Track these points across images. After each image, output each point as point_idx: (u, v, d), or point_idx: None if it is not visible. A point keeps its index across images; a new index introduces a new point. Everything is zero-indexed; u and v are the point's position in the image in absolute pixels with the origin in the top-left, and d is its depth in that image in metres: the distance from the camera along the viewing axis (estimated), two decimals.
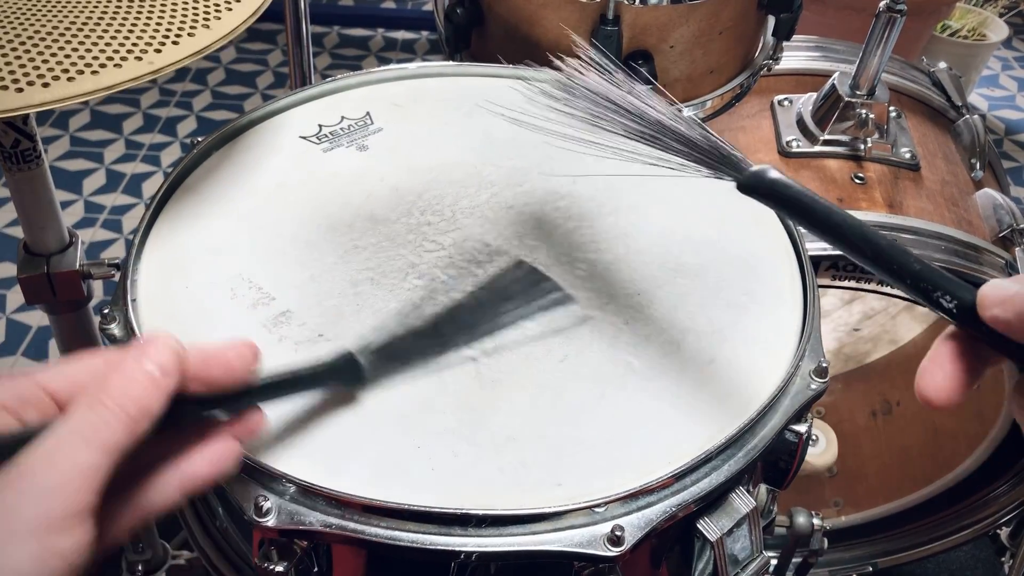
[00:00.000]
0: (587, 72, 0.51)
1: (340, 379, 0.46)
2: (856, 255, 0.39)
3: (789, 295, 0.57)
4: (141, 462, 0.36)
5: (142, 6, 0.59)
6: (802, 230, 0.62)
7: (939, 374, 0.36)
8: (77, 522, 0.31)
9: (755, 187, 0.44)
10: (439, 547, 0.43)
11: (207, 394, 0.38)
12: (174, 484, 0.38)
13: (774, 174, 0.43)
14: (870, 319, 1.14)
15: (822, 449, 1.00)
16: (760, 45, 0.93)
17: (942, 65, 1.10)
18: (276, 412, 0.48)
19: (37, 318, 1.56)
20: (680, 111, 0.51)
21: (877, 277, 0.86)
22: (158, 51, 0.56)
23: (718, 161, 0.46)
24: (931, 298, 0.36)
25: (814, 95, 0.96)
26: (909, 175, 0.93)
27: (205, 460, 0.39)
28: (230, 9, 0.61)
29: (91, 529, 0.32)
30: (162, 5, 0.59)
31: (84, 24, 0.56)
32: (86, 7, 0.57)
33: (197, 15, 0.60)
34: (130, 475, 0.36)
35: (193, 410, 0.38)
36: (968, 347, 0.36)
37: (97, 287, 0.88)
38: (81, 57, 0.54)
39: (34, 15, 0.56)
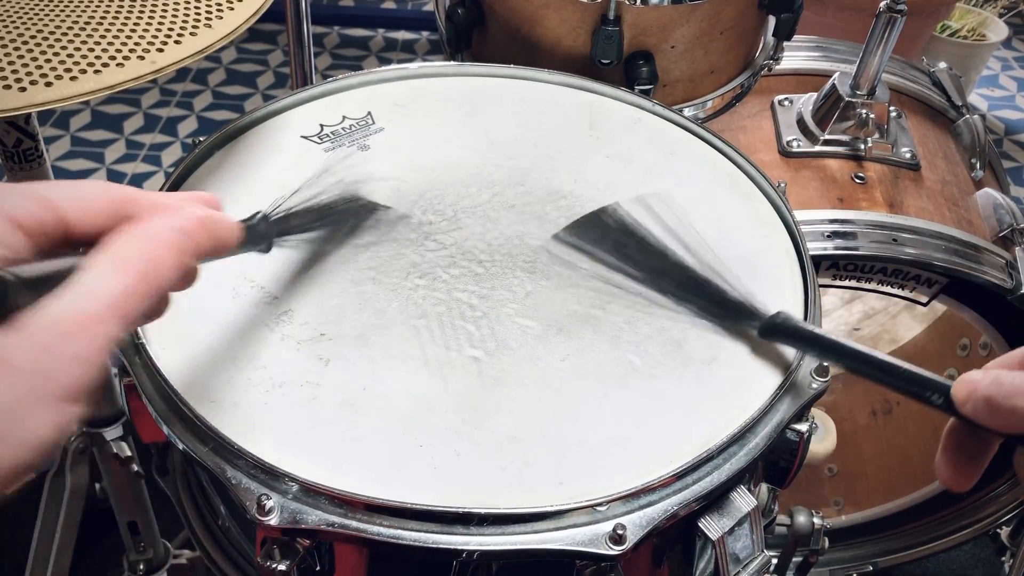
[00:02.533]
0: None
1: (256, 242, 0.48)
2: (860, 371, 0.47)
3: (790, 294, 0.58)
4: None
5: (144, 5, 0.59)
6: (803, 230, 0.62)
7: (950, 467, 0.41)
8: (88, 393, 0.31)
9: (771, 332, 0.52)
10: (441, 546, 0.43)
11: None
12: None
13: (783, 317, 0.51)
14: (870, 318, 1.15)
15: (821, 437, 1.00)
16: (761, 45, 0.93)
17: (942, 65, 1.11)
18: (277, 408, 0.48)
19: None
20: (681, 112, 0.52)
21: (877, 278, 0.86)
22: (160, 50, 0.56)
23: (737, 312, 0.53)
24: (924, 397, 0.42)
25: (814, 95, 0.97)
26: (909, 175, 0.93)
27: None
28: (232, 8, 0.61)
29: (91, 401, 0.32)
30: (164, 5, 0.60)
31: (87, 24, 0.56)
32: (88, 6, 0.58)
33: (199, 14, 0.60)
34: None
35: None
36: (968, 434, 0.40)
37: None
38: (84, 56, 0.54)
39: (37, 15, 0.56)
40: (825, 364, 0.52)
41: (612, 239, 0.57)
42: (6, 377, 0.28)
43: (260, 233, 0.48)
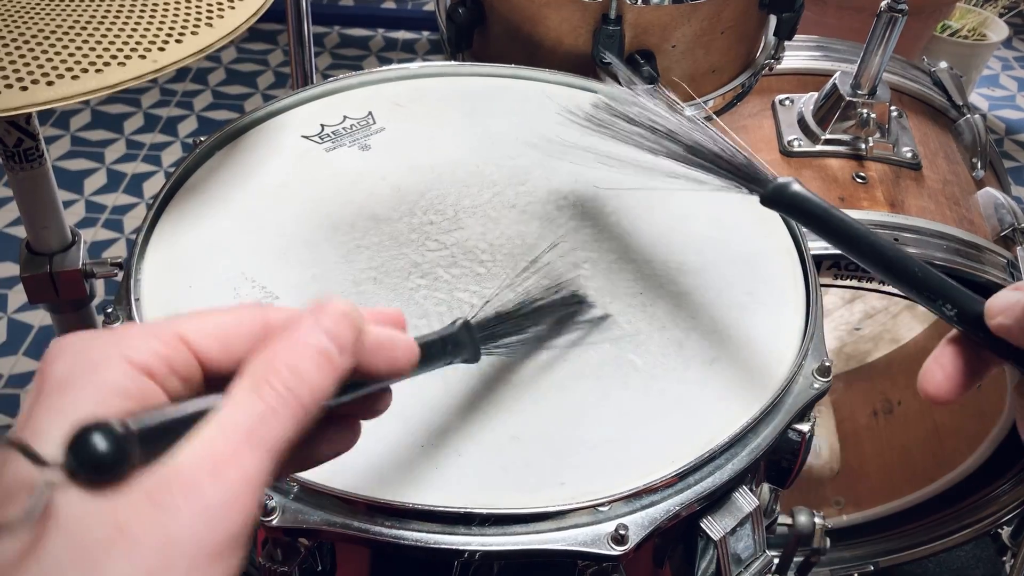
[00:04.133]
0: (614, 88, 0.54)
1: (461, 353, 0.42)
2: (866, 261, 0.42)
3: (792, 294, 0.58)
4: None
5: (145, 5, 0.59)
6: (805, 230, 0.62)
7: (940, 373, 0.38)
8: (240, 543, 0.26)
9: (776, 200, 0.46)
10: (443, 546, 0.43)
11: (361, 379, 0.32)
12: (294, 466, 0.33)
13: (795, 187, 0.46)
14: (871, 318, 1.15)
15: (824, 461, 1.01)
16: (761, 45, 0.93)
17: (943, 65, 1.11)
18: None
19: (39, 318, 1.56)
20: (683, 111, 0.51)
21: (878, 276, 0.86)
22: (161, 49, 0.56)
23: (741, 175, 0.48)
24: (935, 305, 0.39)
25: (815, 94, 0.96)
26: (910, 174, 0.93)
27: (330, 443, 0.34)
28: (232, 8, 0.61)
29: (247, 549, 0.26)
30: (164, 4, 0.59)
31: (88, 23, 0.56)
32: (89, 6, 0.58)
33: (200, 14, 0.60)
34: None
35: (345, 394, 0.32)
36: (970, 350, 0.38)
37: (99, 286, 0.88)
38: (85, 56, 0.54)
39: (38, 14, 0.56)
40: (827, 363, 0.52)
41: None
42: (126, 552, 0.24)
43: (458, 341, 0.41)
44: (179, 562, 0.24)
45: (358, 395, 0.32)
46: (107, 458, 0.24)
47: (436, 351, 0.39)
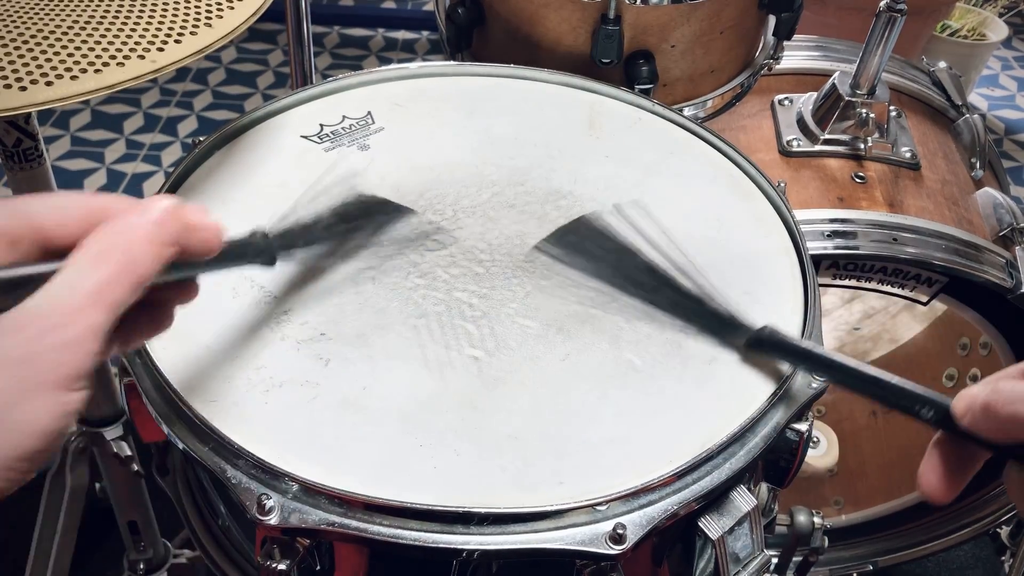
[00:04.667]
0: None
1: (257, 256, 0.47)
2: (848, 384, 0.47)
3: (790, 294, 0.58)
4: None
5: (144, 5, 0.59)
6: (803, 229, 0.62)
7: (934, 476, 0.41)
8: (84, 380, 0.31)
9: (759, 345, 0.51)
10: (441, 545, 0.43)
11: (175, 261, 0.37)
12: (116, 342, 0.38)
13: (769, 331, 0.51)
14: (870, 318, 1.15)
15: (823, 452, 1.00)
16: (761, 45, 0.93)
17: (942, 65, 1.11)
18: (277, 408, 0.48)
19: None
20: (681, 112, 0.52)
21: (877, 277, 0.86)
22: (161, 49, 0.56)
23: (722, 325, 0.53)
24: (914, 411, 0.42)
25: (814, 94, 0.97)
26: (909, 174, 0.93)
27: (149, 322, 0.40)
28: (232, 8, 0.61)
29: (88, 388, 0.32)
30: (164, 4, 0.59)
31: (87, 23, 0.56)
32: (88, 6, 0.58)
33: (199, 14, 0.60)
34: None
35: (163, 275, 0.37)
36: (957, 447, 0.41)
37: None
38: (84, 56, 0.54)
39: (37, 14, 0.56)
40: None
41: (593, 251, 0.56)
42: None
43: (257, 247, 0.47)
44: (39, 381, 0.30)
45: (175, 277, 0.39)
46: None
47: (235, 249, 0.44)
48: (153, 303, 0.39)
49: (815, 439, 0.51)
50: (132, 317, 0.38)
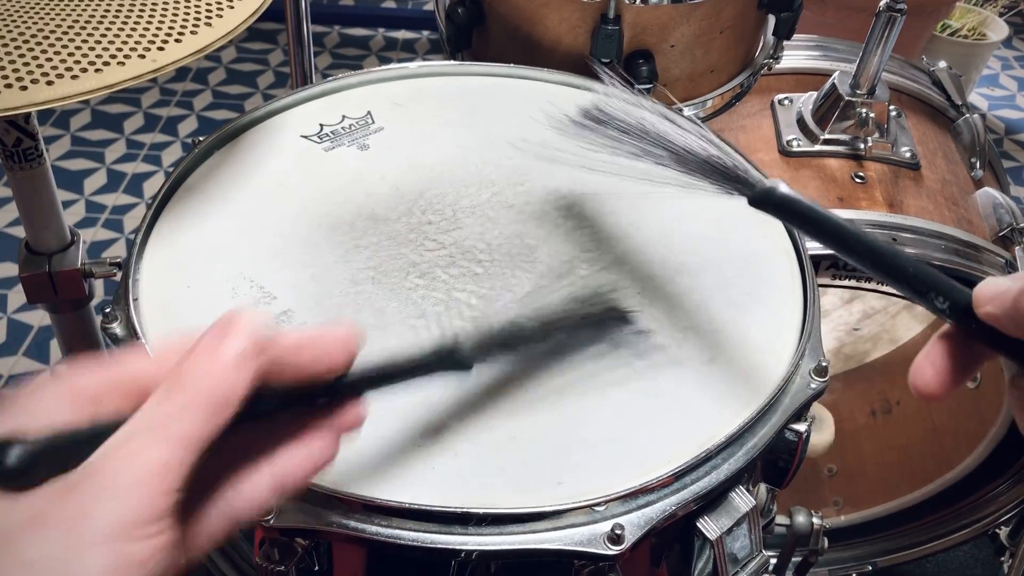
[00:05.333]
0: (603, 94, 0.53)
1: (445, 367, 0.41)
2: (857, 259, 0.42)
3: (789, 294, 0.58)
4: (227, 459, 0.33)
5: (144, 4, 0.59)
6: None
7: (930, 369, 0.38)
8: (154, 526, 0.28)
9: (765, 201, 0.46)
10: (440, 546, 0.43)
11: (300, 384, 0.34)
12: (265, 483, 0.34)
13: (783, 189, 0.46)
14: (870, 318, 1.15)
15: (818, 428, 1.00)
16: (760, 44, 0.93)
17: (942, 64, 1.11)
18: None
19: (38, 318, 1.56)
20: (681, 111, 0.52)
21: (869, 272, 0.86)
22: (161, 49, 0.56)
23: (729, 178, 0.48)
24: (927, 299, 0.38)
25: (814, 94, 0.96)
26: (909, 174, 0.93)
27: (302, 455, 0.34)
28: (232, 7, 0.61)
29: (171, 534, 0.29)
30: (164, 4, 0.60)
31: (87, 22, 0.56)
32: (89, 5, 0.58)
33: (199, 13, 0.60)
34: (216, 474, 0.32)
35: (284, 401, 0.34)
36: (961, 345, 0.38)
37: (98, 286, 0.88)
38: (84, 55, 0.54)
39: (37, 14, 0.56)
40: (824, 363, 0.52)
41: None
42: (39, 532, 0.27)
43: (443, 358, 0.40)
44: (91, 539, 0.27)
45: (300, 400, 0.34)
46: (19, 463, 0.28)
47: (411, 364, 0.39)
48: (306, 433, 0.35)
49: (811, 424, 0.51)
50: (287, 455, 0.34)
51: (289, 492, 0.34)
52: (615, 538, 0.44)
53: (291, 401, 0.34)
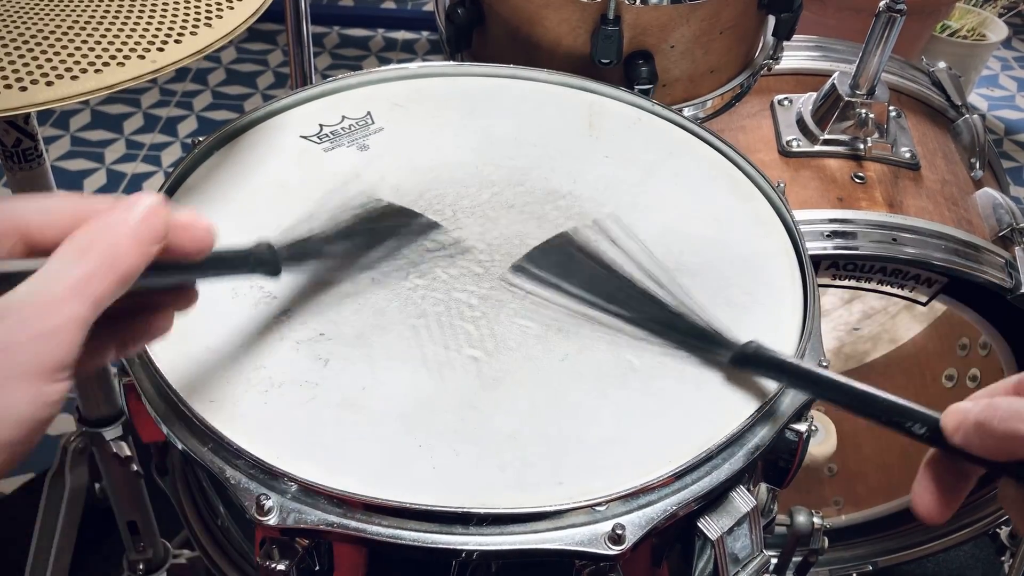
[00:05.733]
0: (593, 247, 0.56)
1: (260, 266, 0.47)
2: (835, 401, 0.46)
3: (789, 294, 0.58)
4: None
5: (144, 5, 0.59)
6: (803, 229, 0.62)
7: (928, 497, 0.40)
8: (66, 372, 0.31)
9: (744, 362, 0.50)
10: (440, 546, 0.43)
11: (167, 261, 0.37)
12: (112, 345, 0.38)
13: (755, 346, 0.50)
14: (870, 318, 1.15)
15: (821, 439, 1.00)
16: (760, 45, 0.93)
17: (942, 65, 1.11)
18: (276, 408, 0.48)
19: None
20: (681, 112, 0.52)
21: (877, 277, 0.86)
22: (161, 49, 0.56)
23: (707, 342, 0.52)
24: (904, 428, 0.41)
25: (814, 95, 0.97)
26: (909, 174, 0.93)
27: (146, 327, 0.39)
28: (231, 8, 0.61)
29: (70, 380, 0.32)
30: (164, 4, 0.59)
31: (87, 23, 0.56)
32: (89, 6, 0.58)
33: (199, 14, 0.60)
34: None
35: (161, 276, 0.38)
36: (948, 466, 0.40)
37: None
38: (84, 56, 0.54)
39: (37, 14, 0.56)
40: (824, 363, 0.52)
41: (574, 270, 0.55)
42: None
43: (260, 257, 0.46)
44: (16, 371, 0.30)
45: (170, 281, 0.39)
46: None
47: (235, 257, 0.45)
48: (151, 308, 0.40)
49: (813, 428, 0.51)
50: (130, 321, 0.38)
51: (126, 355, 0.41)
52: (616, 538, 0.43)
53: (164, 277, 0.38)
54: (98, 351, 0.38)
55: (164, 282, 0.39)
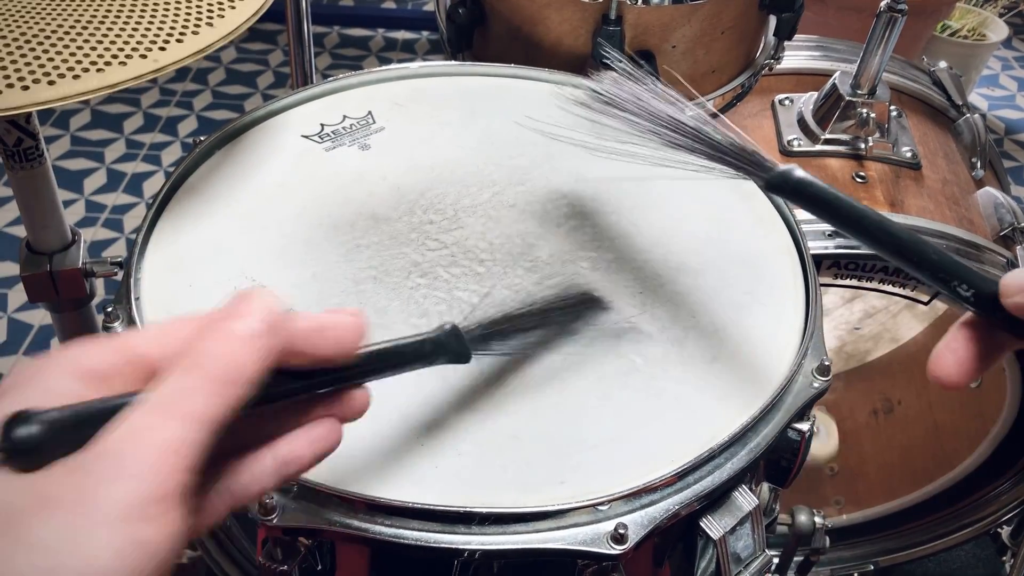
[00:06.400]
0: (619, 80, 0.52)
1: (446, 354, 0.42)
2: (878, 247, 0.41)
3: (791, 293, 0.58)
4: (232, 442, 0.32)
5: (145, 5, 0.59)
6: (803, 229, 0.62)
7: (951, 357, 0.37)
8: (166, 507, 0.27)
9: (781, 186, 0.45)
10: (443, 545, 0.43)
11: (310, 368, 0.33)
12: (269, 467, 0.33)
13: (799, 173, 0.45)
14: (871, 317, 1.15)
15: (823, 440, 1.00)
16: (761, 45, 0.93)
17: (942, 65, 1.11)
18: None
19: (39, 317, 1.56)
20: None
21: (878, 276, 0.86)
22: (162, 49, 0.56)
23: (745, 162, 0.47)
24: (950, 287, 0.38)
25: (815, 94, 0.96)
26: (910, 174, 0.93)
27: (305, 441, 0.34)
28: (232, 8, 0.61)
29: (182, 515, 0.27)
30: (165, 4, 0.60)
31: (89, 22, 0.56)
32: (90, 5, 0.58)
33: (200, 14, 0.60)
34: (222, 456, 0.32)
35: (295, 385, 0.34)
36: (983, 334, 0.37)
37: (99, 286, 0.88)
38: (86, 55, 0.54)
39: (39, 14, 0.56)
40: (826, 362, 0.52)
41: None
42: (48, 515, 0.26)
43: (440, 346, 0.41)
44: (100, 520, 0.26)
45: (311, 384, 0.34)
46: (31, 440, 0.27)
47: (412, 349, 0.40)
48: (310, 419, 0.35)
49: (815, 429, 0.51)
50: (289, 440, 0.34)
51: (291, 479, 0.34)
52: (618, 537, 0.43)
53: (299, 385, 0.34)
54: (248, 474, 0.33)
55: (314, 388, 0.34)
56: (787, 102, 0.99)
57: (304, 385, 0.34)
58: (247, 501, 0.33)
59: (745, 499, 0.49)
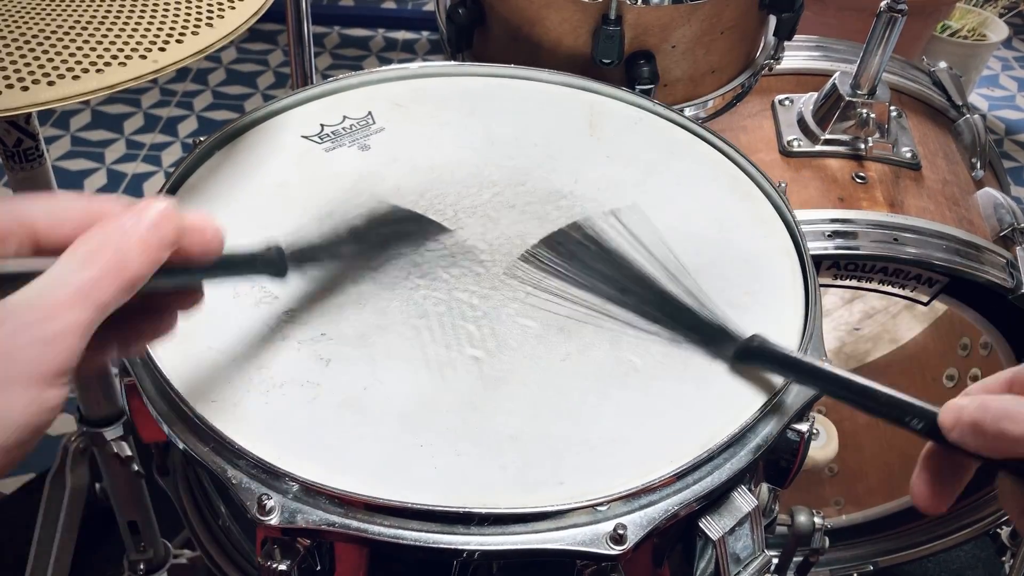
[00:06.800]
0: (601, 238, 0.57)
1: (267, 269, 0.47)
2: (834, 394, 0.47)
3: (790, 294, 0.58)
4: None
5: (145, 5, 0.59)
6: (804, 229, 0.62)
7: (925, 488, 0.41)
8: (65, 378, 0.31)
9: (747, 356, 0.51)
10: (442, 546, 0.43)
11: (175, 264, 0.37)
12: (114, 345, 0.38)
13: (759, 341, 0.50)
14: (871, 318, 1.15)
15: (823, 443, 1.00)
16: (761, 45, 0.93)
17: (942, 65, 1.11)
18: (277, 408, 0.48)
19: None
20: (682, 112, 0.52)
21: (878, 277, 0.86)
22: (162, 49, 0.56)
23: (712, 336, 0.52)
24: (903, 422, 0.42)
25: (815, 95, 0.97)
26: (910, 174, 0.93)
27: (150, 328, 0.39)
28: (232, 8, 0.61)
29: (68, 387, 0.32)
30: (165, 4, 0.60)
31: (89, 23, 0.56)
32: (90, 6, 0.58)
33: (200, 14, 0.60)
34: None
35: (167, 280, 0.37)
36: (946, 459, 0.41)
37: None
38: (86, 56, 0.54)
39: (39, 14, 0.56)
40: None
41: (584, 258, 0.56)
42: None
43: (267, 259, 0.47)
44: (15, 376, 0.30)
45: (176, 283, 0.39)
46: None
47: (243, 259, 0.45)
48: (155, 308, 0.39)
49: (815, 431, 0.51)
50: (133, 322, 0.38)
51: (128, 356, 0.42)
52: (617, 538, 0.43)
53: (170, 281, 0.38)
54: (100, 352, 0.37)
55: (170, 284, 0.38)
56: (787, 102, 0.99)
57: (174, 283, 0.39)
58: (90, 371, 0.38)
59: (744, 500, 0.49)
